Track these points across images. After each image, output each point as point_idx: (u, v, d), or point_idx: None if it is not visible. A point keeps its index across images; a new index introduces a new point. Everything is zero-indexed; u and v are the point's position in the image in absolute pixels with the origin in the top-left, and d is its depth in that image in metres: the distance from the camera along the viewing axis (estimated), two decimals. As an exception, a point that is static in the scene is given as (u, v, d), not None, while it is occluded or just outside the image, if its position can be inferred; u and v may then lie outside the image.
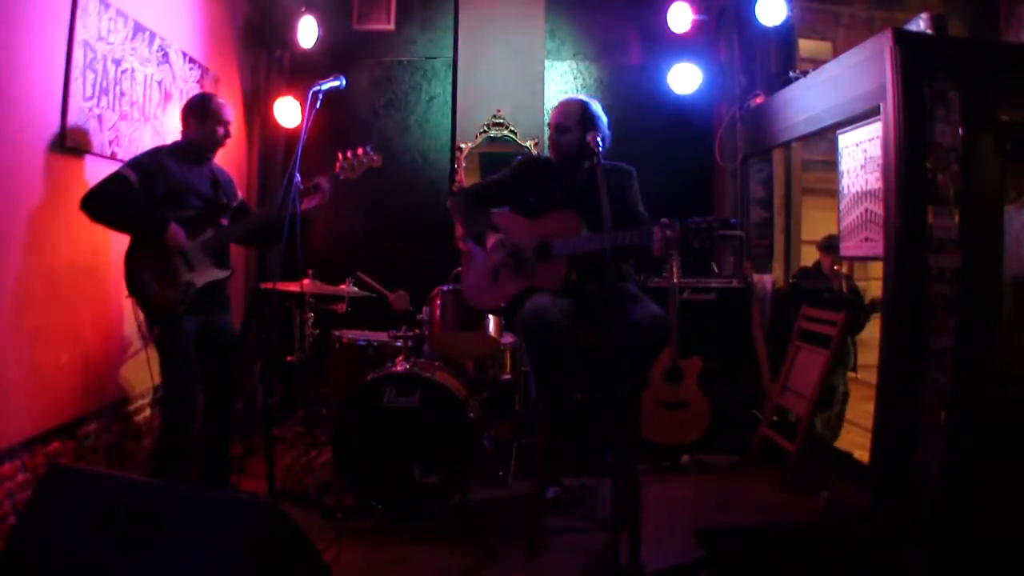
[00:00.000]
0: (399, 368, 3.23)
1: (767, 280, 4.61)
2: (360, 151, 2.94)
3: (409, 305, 4.02)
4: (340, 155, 2.94)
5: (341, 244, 4.95)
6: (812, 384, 3.73)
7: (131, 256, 2.82)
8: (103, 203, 2.74)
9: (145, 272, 2.80)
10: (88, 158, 2.99)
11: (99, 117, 3.01)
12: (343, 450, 3.12)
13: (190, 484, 2.86)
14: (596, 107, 2.92)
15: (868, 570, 2.73)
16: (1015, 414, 3.01)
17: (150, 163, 2.84)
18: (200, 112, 2.95)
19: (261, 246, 3.32)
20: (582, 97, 2.98)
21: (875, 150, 3.34)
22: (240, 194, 3.23)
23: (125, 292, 2.85)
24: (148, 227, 2.79)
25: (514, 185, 2.99)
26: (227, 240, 2.99)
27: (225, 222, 2.98)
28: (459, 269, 3.17)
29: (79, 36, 2.82)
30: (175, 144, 3.00)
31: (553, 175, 2.95)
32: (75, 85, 2.82)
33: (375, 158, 2.96)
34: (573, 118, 2.86)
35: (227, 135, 3.00)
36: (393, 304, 4.07)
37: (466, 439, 3.10)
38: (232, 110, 3.05)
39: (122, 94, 3.17)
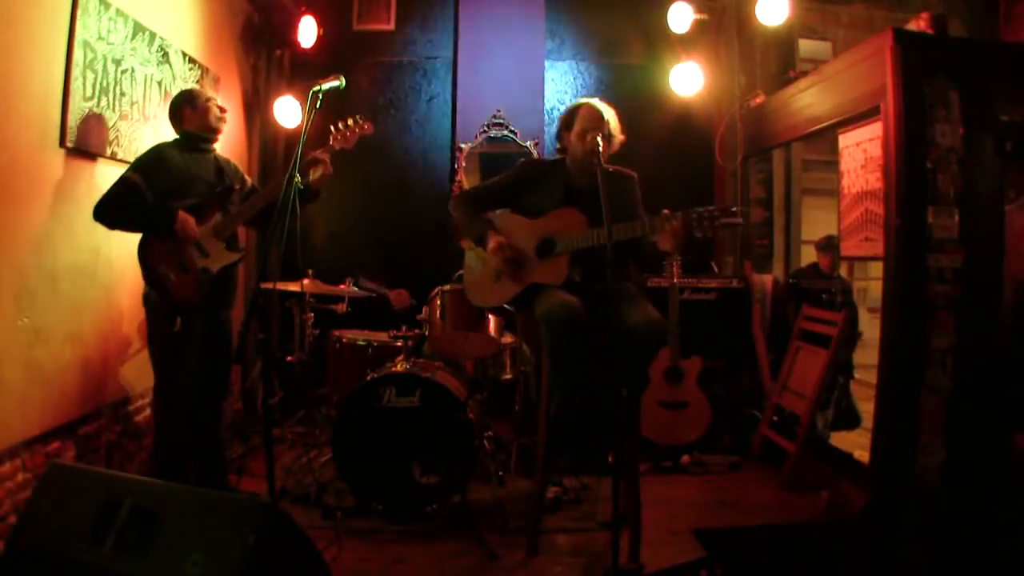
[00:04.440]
0: (399, 368, 3.23)
1: (767, 280, 4.61)
2: (351, 120, 3.01)
3: (409, 302, 4.02)
4: (332, 127, 3.00)
5: (341, 244, 4.95)
6: (812, 384, 3.73)
7: (145, 251, 2.83)
8: (115, 210, 2.78)
9: (162, 265, 2.82)
10: (88, 158, 2.99)
11: (99, 117, 3.01)
12: (343, 450, 3.12)
13: (190, 484, 2.85)
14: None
15: (868, 570, 2.72)
16: (1015, 414, 3.01)
17: (150, 159, 2.86)
18: (190, 101, 2.98)
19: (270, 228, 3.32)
20: (608, 108, 2.92)
21: (875, 150, 3.34)
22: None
23: (135, 291, 2.85)
24: (159, 221, 2.80)
25: (516, 187, 2.99)
26: (236, 223, 3.00)
27: (233, 208, 3.01)
28: (461, 271, 3.18)
29: (79, 36, 2.81)
30: (175, 140, 3.01)
31: (555, 176, 2.95)
32: (75, 85, 2.82)
33: (366, 127, 3.01)
34: (605, 128, 2.85)
35: (221, 109, 3.04)
36: (392, 302, 4.08)
37: (466, 439, 3.10)
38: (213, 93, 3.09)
39: (122, 94, 3.17)
